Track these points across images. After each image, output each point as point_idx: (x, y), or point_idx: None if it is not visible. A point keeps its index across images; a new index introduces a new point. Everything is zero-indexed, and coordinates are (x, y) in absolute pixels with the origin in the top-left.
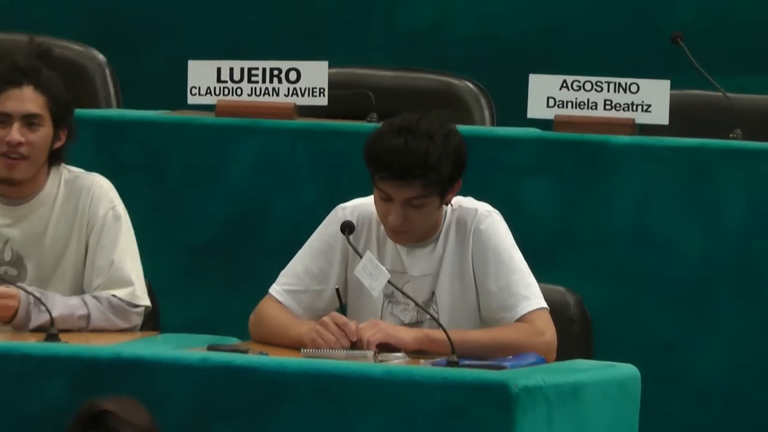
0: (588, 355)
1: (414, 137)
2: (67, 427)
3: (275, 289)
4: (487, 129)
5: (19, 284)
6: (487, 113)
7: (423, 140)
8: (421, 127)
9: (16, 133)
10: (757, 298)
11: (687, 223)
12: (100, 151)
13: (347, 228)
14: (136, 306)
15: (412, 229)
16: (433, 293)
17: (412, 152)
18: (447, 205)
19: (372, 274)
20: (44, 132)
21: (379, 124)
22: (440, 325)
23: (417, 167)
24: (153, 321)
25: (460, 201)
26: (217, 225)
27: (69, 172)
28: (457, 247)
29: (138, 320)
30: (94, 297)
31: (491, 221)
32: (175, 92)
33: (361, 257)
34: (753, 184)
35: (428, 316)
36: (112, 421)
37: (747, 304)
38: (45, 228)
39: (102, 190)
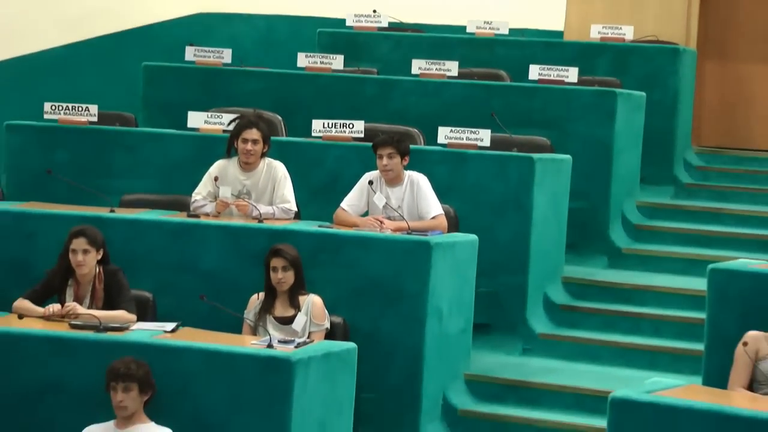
0: (457, 231)
1: (389, 136)
2: (266, 256)
3: (343, 204)
4: (422, 147)
5: (249, 201)
6: (422, 142)
7: (392, 135)
8: (389, 133)
9: (249, 146)
10: (521, 210)
11: (495, 181)
12: (278, 153)
13: (370, 182)
14: (292, 210)
15: (392, 169)
16: (399, 206)
17: (388, 137)
18: (404, 167)
19: (379, 200)
20: (260, 145)
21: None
22: (405, 219)
23: (390, 140)
24: (298, 216)
25: (411, 173)
26: (322, 182)
27: (268, 159)
28: (410, 190)
29: (292, 215)
30: (276, 207)
31: (424, 180)
32: (306, 131)
33: (375, 194)
34: (518, 165)
35: (398, 215)
36: (282, 252)
37: (513, 213)
38: (259, 181)
39: (280, 166)
